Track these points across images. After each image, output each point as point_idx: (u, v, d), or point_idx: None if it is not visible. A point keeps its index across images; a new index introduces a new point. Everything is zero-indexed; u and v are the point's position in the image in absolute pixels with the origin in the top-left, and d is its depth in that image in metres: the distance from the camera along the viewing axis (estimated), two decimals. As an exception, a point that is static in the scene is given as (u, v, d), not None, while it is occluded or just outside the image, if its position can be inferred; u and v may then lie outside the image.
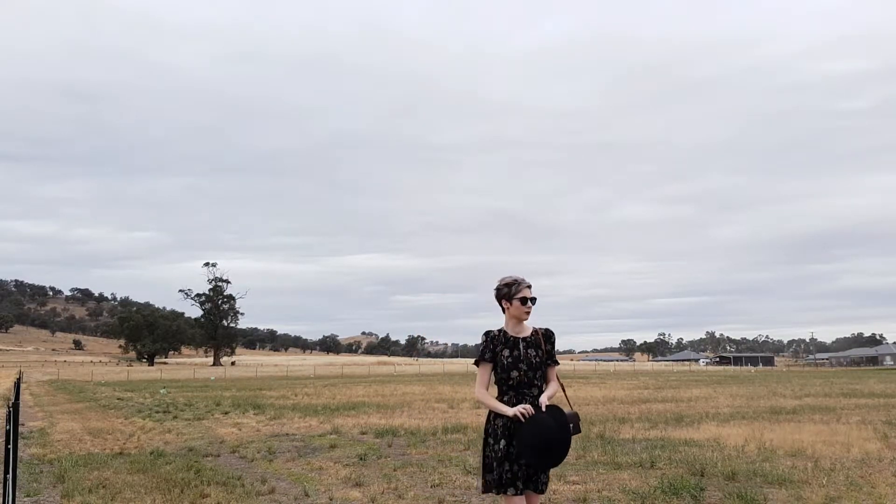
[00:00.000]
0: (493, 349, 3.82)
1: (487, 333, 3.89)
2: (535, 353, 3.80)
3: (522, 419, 3.56)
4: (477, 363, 3.86)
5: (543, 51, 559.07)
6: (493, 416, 3.75)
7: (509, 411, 3.63)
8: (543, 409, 3.65)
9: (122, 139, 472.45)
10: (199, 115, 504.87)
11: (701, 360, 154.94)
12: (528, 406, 3.62)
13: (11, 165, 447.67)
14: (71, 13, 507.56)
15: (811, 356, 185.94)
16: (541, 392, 3.82)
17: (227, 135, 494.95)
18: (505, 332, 3.86)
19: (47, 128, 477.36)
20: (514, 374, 3.75)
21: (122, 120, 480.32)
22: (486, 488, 3.68)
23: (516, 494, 3.58)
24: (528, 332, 3.88)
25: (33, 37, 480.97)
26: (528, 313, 3.84)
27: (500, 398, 3.79)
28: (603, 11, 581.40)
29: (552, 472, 6.70)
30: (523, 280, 3.85)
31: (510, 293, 3.83)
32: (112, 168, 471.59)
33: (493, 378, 3.86)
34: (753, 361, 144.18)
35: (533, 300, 3.86)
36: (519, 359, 3.76)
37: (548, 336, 3.91)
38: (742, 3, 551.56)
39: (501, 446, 3.64)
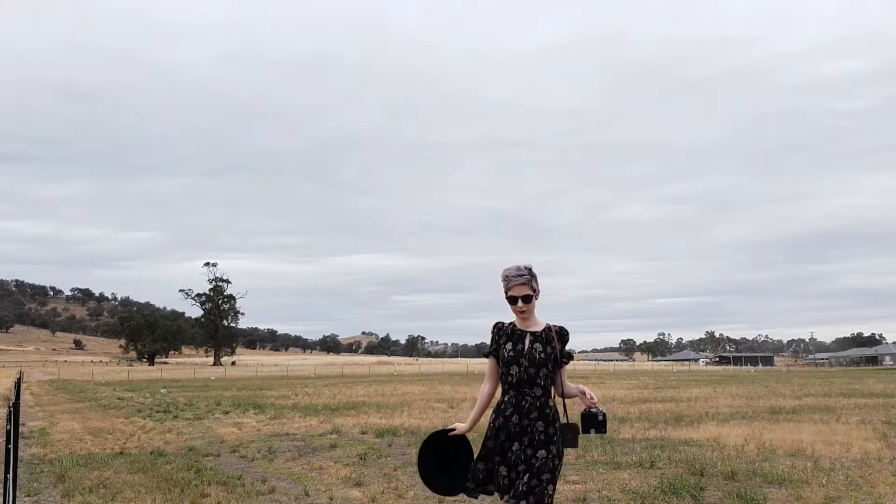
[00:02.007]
0: (498, 342, 3.55)
1: (496, 325, 3.61)
2: (541, 349, 3.45)
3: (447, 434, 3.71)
4: (485, 355, 3.66)
5: (543, 51, 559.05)
6: (494, 415, 3.53)
7: (458, 429, 3.73)
8: (594, 405, 3.48)
9: (121, 139, 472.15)
10: (198, 115, 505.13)
11: (701, 360, 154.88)
12: (457, 428, 3.71)
13: (11, 165, 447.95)
14: (69, 13, 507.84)
15: (811, 356, 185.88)
16: (545, 393, 3.46)
17: (226, 135, 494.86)
18: (514, 325, 3.55)
19: (46, 128, 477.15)
20: (514, 370, 3.44)
21: (120, 120, 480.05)
22: (467, 489, 3.61)
23: (474, 496, 3.59)
24: (539, 327, 3.54)
25: (32, 37, 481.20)
26: (521, 313, 3.50)
27: (502, 398, 3.54)
28: (602, 11, 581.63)
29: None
30: (517, 275, 3.47)
31: (504, 289, 3.53)
32: (111, 168, 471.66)
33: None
34: (753, 361, 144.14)
35: (526, 298, 3.47)
36: (521, 353, 3.44)
37: (562, 335, 3.56)
38: (742, 3, 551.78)
39: (490, 445, 3.50)
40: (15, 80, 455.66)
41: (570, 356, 3.59)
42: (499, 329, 3.58)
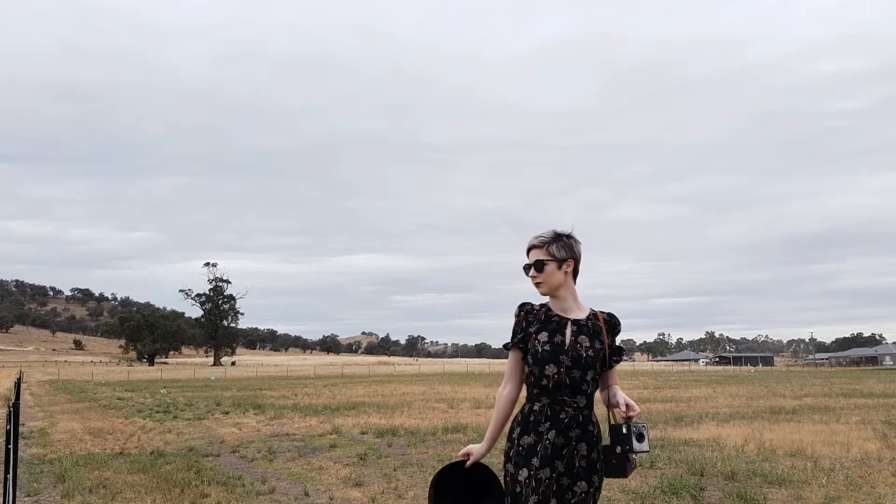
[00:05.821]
0: (527, 329, 2.57)
1: (522, 306, 2.63)
2: (588, 344, 2.53)
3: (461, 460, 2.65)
4: (506, 347, 2.66)
5: (542, 51, 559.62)
6: (520, 430, 2.56)
7: (474, 453, 2.63)
8: (629, 411, 2.59)
9: (119, 139, 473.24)
10: (196, 115, 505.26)
11: (701, 360, 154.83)
12: (473, 452, 2.63)
13: (9, 165, 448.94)
14: (67, 13, 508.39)
15: (811, 356, 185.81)
16: (589, 403, 2.56)
17: (225, 134, 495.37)
18: (548, 309, 2.60)
19: (44, 128, 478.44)
20: (551, 370, 2.49)
21: (119, 120, 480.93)
22: None
23: None
24: (583, 314, 2.60)
25: (30, 37, 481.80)
26: (538, 284, 2.59)
27: (529, 405, 2.57)
28: (601, 11, 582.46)
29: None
30: (535, 238, 2.62)
31: None
32: (109, 168, 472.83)
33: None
34: (753, 361, 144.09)
35: (538, 265, 2.57)
36: (562, 348, 2.51)
37: (612, 324, 2.64)
38: (740, 3, 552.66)
39: (523, 477, 2.48)
40: (14, 80, 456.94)
41: (621, 353, 2.67)
42: (527, 312, 2.60)
